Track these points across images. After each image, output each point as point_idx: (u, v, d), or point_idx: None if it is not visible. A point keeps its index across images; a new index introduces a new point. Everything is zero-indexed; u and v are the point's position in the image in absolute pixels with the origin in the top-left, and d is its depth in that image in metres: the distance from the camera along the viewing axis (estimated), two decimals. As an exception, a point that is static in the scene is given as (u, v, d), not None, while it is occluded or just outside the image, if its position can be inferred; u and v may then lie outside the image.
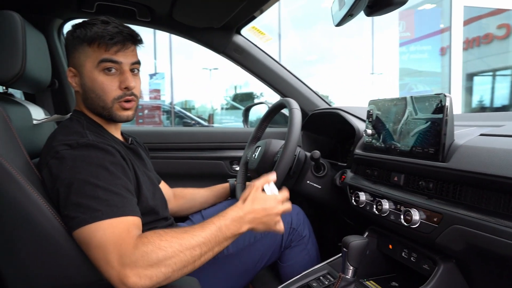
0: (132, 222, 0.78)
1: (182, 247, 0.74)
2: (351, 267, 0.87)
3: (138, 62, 0.97)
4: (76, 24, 0.95)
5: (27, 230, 0.79)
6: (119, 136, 1.07)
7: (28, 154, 0.89)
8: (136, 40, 0.96)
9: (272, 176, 0.96)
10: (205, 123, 10.22)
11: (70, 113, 1.02)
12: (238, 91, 14.64)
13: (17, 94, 1.45)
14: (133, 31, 0.95)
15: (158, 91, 7.92)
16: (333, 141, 1.57)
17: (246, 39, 1.63)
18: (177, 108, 10.19)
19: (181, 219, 1.31)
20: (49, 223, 0.80)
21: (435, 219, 0.80)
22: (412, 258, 0.96)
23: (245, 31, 1.63)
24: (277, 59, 1.65)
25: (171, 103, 9.91)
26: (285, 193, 0.95)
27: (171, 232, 0.76)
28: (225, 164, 1.72)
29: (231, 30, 1.56)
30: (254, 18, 1.51)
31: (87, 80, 0.93)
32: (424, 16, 10.27)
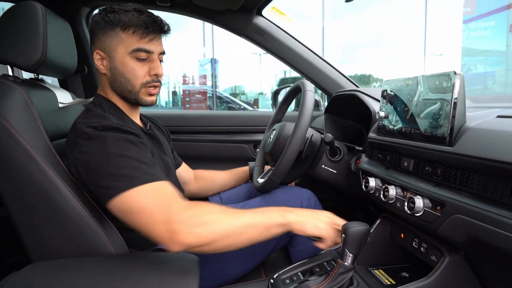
0: (168, 185, 0.84)
1: (227, 217, 0.81)
2: (350, 254, 0.84)
3: (164, 52, 1.02)
4: (107, 9, 0.98)
5: (43, 203, 0.88)
6: (138, 121, 1.11)
7: (50, 136, 0.96)
8: (164, 31, 1.00)
9: None
10: (251, 108, 10.29)
11: (93, 97, 1.08)
12: (288, 76, 14.45)
13: (54, 81, 1.57)
14: (164, 22, 0.99)
15: (205, 76, 8.10)
16: (358, 125, 1.50)
17: (268, 21, 1.59)
18: (224, 94, 10.34)
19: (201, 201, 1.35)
20: (62, 198, 0.87)
21: (438, 208, 0.74)
22: (422, 249, 0.90)
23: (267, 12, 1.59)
24: (321, 43, 1.60)
25: (215, 88, 10.09)
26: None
27: (218, 205, 0.84)
28: (249, 148, 1.73)
29: (251, 12, 1.53)
30: (274, -4, 1.47)
31: (118, 64, 0.97)
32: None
